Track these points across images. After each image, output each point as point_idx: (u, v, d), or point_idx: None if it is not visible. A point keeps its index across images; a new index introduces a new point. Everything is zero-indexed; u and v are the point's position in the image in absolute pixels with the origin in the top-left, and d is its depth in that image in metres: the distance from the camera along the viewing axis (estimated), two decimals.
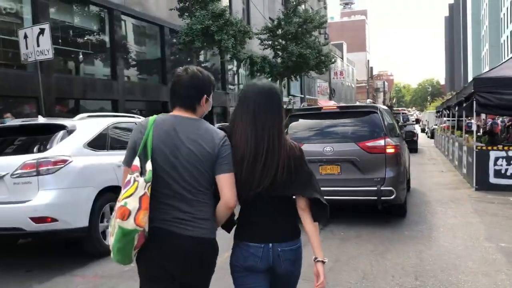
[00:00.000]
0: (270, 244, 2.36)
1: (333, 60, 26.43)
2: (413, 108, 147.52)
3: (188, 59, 18.19)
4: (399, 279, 4.78)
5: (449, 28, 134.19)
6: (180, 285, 2.33)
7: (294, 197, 2.44)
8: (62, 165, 5.50)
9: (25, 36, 9.15)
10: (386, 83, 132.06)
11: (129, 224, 2.16)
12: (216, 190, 2.36)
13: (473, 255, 5.53)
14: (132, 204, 2.17)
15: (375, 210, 7.19)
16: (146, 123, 2.37)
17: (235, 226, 2.49)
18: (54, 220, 5.34)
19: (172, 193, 2.30)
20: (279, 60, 24.37)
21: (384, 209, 7.33)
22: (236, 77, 26.89)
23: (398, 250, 5.81)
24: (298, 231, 2.46)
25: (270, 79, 25.04)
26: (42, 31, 8.87)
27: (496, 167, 10.54)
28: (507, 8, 55.20)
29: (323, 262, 2.40)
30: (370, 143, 7.13)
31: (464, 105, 12.08)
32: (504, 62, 11.47)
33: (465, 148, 12.99)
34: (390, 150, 7.10)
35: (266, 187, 2.32)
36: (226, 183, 2.33)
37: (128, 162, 2.36)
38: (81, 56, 15.04)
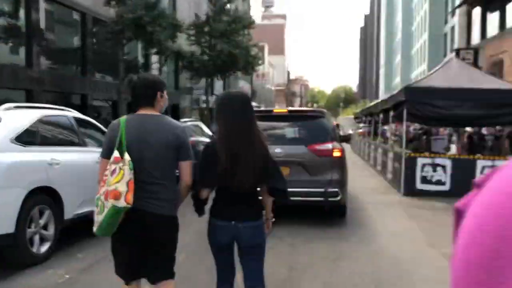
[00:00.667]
0: (233, 222, 2.96)
1: (260, 62, 26.53)
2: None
3: (110, 52, 17.12)
4: None
5: (364, 38, 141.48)
6: (142, 250, 3.00)
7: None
8: None
9: None
10: (303, 88, 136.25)
11: (121, 203, 2.74)
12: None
13: (423, 263, 5.58)
14: (122, 187, 2.75)
15: (316, 212, 7.44)
16: (119, 123, 2.96)
17: (210, 208, 3.05)
18: None
19: (146, 177, 2.91)
20: (205, 57, 23.93)
21: (326, 210, 7.77)
22: (159, 72, 25.94)
23: (351, 257, 5.74)
24: (259, 213, 3.05)
25: (195, 76, 24.58)
26: None
27: (423, 174, 11.04)
28: (418, 23, 59.23)
29: (271, 220, 3.19)
30: (318, 147, 7.40)
31: (392, 113, 12.51)
32: (433, 72, 12.02)
33: (390, 154, 13.52)
34: (336, 153, 7.43)
35: (245, 180, 2.88)
36: (185, 168, 3.04)
37: (106, 155, 2.96)
38: None
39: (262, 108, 10.82)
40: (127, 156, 2.81)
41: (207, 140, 11.99)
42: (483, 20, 26.52)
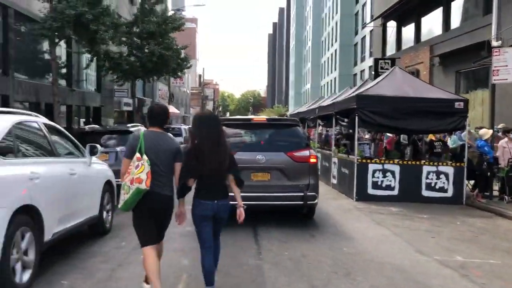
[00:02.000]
0: (215, 201, 4.39)
1: (189, 65, 25.86)
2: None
3: (34, 48, 15.55)
4: None
5: (272, 45, 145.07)
6: (155, 221, 4.39)
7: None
8: None
9: None
10: (214, 92, 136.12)
11: (143, 186, 4.10)
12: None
13: (428, 272, 5.64)
14: (143, 176, 4.11)
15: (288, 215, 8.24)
16: (139, 135, 4.36)
17: (195, 190, 4.45)
18: None
19: (157, 171, 4.27)
20: (132, 58, 22.81)
21: (304, 212, 8.46)
22: (83, 72, 24.31)
23: (356, 271, 5.64)
24: (227, 195, 4.50)
25: (119, 77, 23.34)
26: None
27: (374, 179, 11.40)
28: (328, 33, 61.98)
29: (242, 207, 4.54)
30: (297, 153, 7.81)
31: (346, 120, 12.79)
32: (382, 79, 12.48)
33: (335, 159, 13.84)
34: (313, 160, 7.95)
35: (216, 170, 4.36)
36: (178, 166, 4.41)
37: (129, 156, 4.31)
38: None
39: (241, 117, 11.23)
40: (145, 157, 4.23)
41: None
42: (398, 33, 28.39)
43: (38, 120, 5.82)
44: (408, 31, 27.00)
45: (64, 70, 18.93)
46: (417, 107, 11.18)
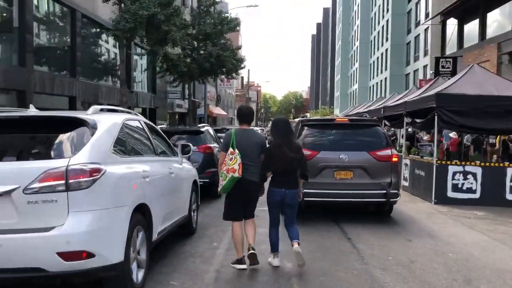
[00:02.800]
0: (283, 189, 5.36)
1: (243, 65, 25.87)
2: None
3: (97, 50, 15.76)
4: None
5: (316, 45, 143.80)
6: (244, 202, 5.41)
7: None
8: (97, 176, 3.89)
9: None
10: (256, 94, 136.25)
11: (236, 175, 5.13)
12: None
13: None
14: (236, 166, 5.12)
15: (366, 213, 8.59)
16: (231, 133, 5.37)
17: (270, 180, 5.49)
18: (90, 255, 3.74)
19: (246, 162, 5.22)
20: (188, 60, 23.01)
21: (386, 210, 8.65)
22: (145, 74, 24.70)
23: (476, 278, 5.27)
24: (297, 185, 5.48)
25: (175, 79, 23.58)
26: None
27: (454, 182, 10.86)
28: (378, 32, 60.68)
29: (301, 192, 5.76)
30: (380, 152, 8.07)
31: (418, 120, 12.30)
32: (460, 77, 11.88)
33: (406, 161, 13.35)
34: (395, 159, 8.21)
35: (286, 167, 5.31)
36: (262, 158, 5.38)
37: (225, 150, 5.32)
38: None
39: (324, 117, 11.81)
40: (236, 150, 5.20)
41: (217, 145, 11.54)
42: (460, 30, 27.27)
43: (140, 119, 5.79)
44: (471, 28, 25.88)
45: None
46: (502, 106, 10.56)
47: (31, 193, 3.65)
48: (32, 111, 4.71)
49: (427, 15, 38.98)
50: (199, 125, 13.36)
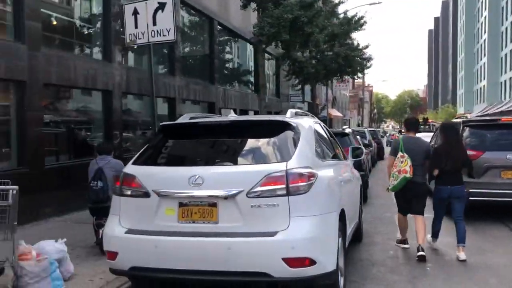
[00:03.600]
0: (449, 186, 5.96)
1: (369, 64, 25.03)
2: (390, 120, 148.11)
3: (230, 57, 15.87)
4: None
5: (434, 41, 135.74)
6: (409, 199, 6.10)
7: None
8: (313, 181, 3.79)
9: (135, 12, 7.35)
10: (370, 94, 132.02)
11: (408, 175, 5.78)
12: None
13: None
14: (407, 168, 5.79)
15: None
16: (399, 139, 6.20)
17: (436, 178, 6.11)
18: (312, 262, 3.63)
19: (414, 165, 5.84)
20: (313, 61, 22.81)
21: None
22: (269, 78, 25.06)
23: None
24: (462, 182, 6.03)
25: (300, 81, 23.52)
26: (162, 6, 7.09)
27: None
28: (510, 23, 55.33)
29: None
30: None
31: None
32: None
33: None
34: None
35: (452, 166, 5.90)
36: (427, 163, 6.04)
37: (393, 154, 6.15)
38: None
39: (487, 118, 11.31)
40: (406, 154, 5.83)
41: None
42: None
43: (320, 122, 5.68)
44: None
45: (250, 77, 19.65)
46: None
47: (254, 197, 3.65)
48: (232, 116, 4.80)
49: None
50: (343, 127, 13.07)
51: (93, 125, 11.06)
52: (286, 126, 4.19)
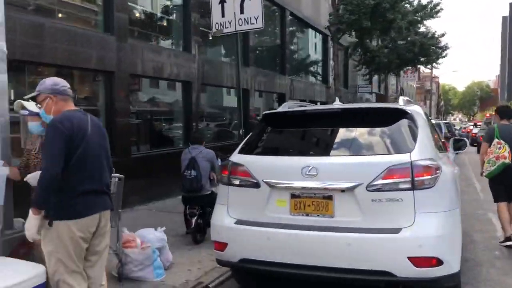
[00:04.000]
0: None
1: (445, 54, 23.73)
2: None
3: (299, 48, 15.41)
4: None
5: (510, 29, 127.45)
6: (506, 185, 5.90)
7: None
8: (439, 174, 3.49)
9: (222, 1, 7.29)
10: (438, 86, 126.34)
11: (507, 161, 5.63)
12: None
13: None
14: (506, 154, 5.67)
15: None
16: (494, 127, 6.08)
17: None
18: (439, 262, 3.34)
19: None
20: (385, 50, 21.95)
21: None
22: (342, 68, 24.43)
23: None
24: None
25: (371, 71, 22.74)
26: None
27: None
28: None
29: None
30: None
31: None
32: None
33: None
34: None
35: None
36: None
37: (487, 141, 5.98)
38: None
39: None
40: (502, 141, 5.78)
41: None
42: None
43: (424, 112, 5.30)
44: None
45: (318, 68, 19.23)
46: None
47: (374, 190, 3.41)
48: (337, 104, 4.56)
49: None
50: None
51: (173, 116, 11.23)
52: (402, 114, 3.90)
